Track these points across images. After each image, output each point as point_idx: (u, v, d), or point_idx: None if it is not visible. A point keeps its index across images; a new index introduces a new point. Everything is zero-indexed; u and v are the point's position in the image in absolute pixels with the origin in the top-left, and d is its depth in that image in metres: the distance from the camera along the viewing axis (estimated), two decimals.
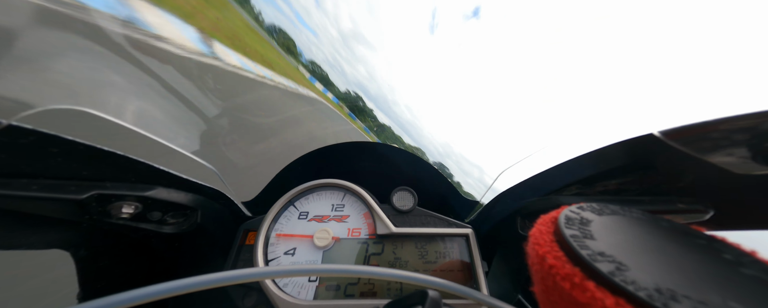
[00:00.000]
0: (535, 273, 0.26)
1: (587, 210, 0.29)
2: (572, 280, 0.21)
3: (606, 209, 0.30)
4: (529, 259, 0.28)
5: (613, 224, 0.27)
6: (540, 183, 0.58)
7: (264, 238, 0.69)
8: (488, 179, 4.88)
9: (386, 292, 0.60)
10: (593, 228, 0.26)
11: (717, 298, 0.16)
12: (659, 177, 0.42)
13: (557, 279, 0.22)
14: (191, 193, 0.60)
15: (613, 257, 0.21)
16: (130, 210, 0.49)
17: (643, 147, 0.40)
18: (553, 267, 0.23)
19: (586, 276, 0.20)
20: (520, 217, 0.58)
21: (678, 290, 0.17)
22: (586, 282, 0.20)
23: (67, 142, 0.38)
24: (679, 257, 0.21)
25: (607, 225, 0.26)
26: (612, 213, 0.29)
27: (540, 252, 0.25)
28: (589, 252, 0.22)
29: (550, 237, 0.26)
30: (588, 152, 0.47)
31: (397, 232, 0.70)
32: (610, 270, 0.19)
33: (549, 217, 0.30)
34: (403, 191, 0.81)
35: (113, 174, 0.47)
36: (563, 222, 0.26)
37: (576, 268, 0.21)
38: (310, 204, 0.78)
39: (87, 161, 0.43)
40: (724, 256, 0.21)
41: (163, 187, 0.53)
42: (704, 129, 0.33)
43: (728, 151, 0.33)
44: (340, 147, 0.86)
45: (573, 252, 0.22)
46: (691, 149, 0.34)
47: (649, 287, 0.17)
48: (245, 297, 0.63)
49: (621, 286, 0.18)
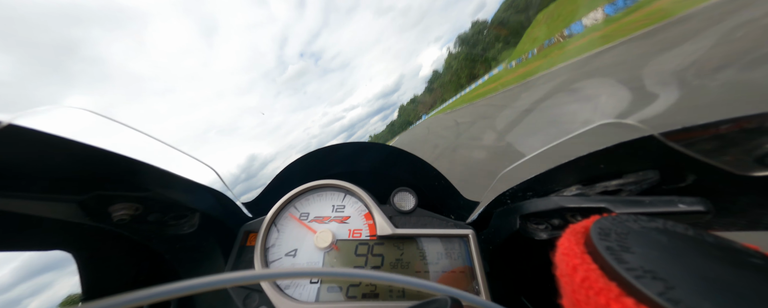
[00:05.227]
0: (565, 285, 0.24)
1: (622, 220, 0.28)
2: (608, 295, 0.19)
3: (642, 220, 0.28)
4: (556, 270, 0.26)
5: (651, 237, 0.25)
6: (540, 183, 0.58)
7: (264, 239, 0.69)
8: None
9: (388, 294, 0.60)
10: (630, 241, 0.24)
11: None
12: (660, 178, 0.42)
13: (590, 293, 0.20)
14: (191, 194, 0.60)
15: (655, 273, 0.19)
16: (130, 211, 0.48)
17: (644, 148, 0.40)
18: (585, 280, 0.21)
19: (624, 292, 0.19)
20: (520, 218, 0.58)
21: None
22: (624, 299, 0.18)
23: (67, 142, 0.38)
24: (730, 276, 0.19)
25: (644, 238, 0.24)
26: (649, 225, 0.27)
27: (570, 264, 0.24)
28: (628, 267, 0.20)
29: (580, 248, 0.25)
30: (588, 153, 0.47)
31: (398, 233, 0.70)
32: (658, 289, 0.18)
33: (580, 227, 0.29)
34: (403, 192, 0.81)
35: (113, 175, 0.47)
36: (597, 234, 0.25)
37: (612, 283, 0.20)
38: (310, 205, 0.77)
39: (87, 162, 0.43)
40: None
41: (163, 188, 0.53)
42: (705, 130, 0.33)
43: (729, 152, 0.33)
44: (340, 147, 0.86)
45: (609, 266, 0.21)
46: (693, 150, 0.35)
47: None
48: (247, 299, 0.63)
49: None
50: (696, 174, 0.39)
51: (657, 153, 0.39)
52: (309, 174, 0.83)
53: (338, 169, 0.88)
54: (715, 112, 3.54)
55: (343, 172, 0.85)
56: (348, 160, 0.89)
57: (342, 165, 0.89)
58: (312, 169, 0.87)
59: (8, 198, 0.37)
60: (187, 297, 0.33)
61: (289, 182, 0.81)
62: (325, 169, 0.88)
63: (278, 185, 0.86)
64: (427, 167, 0.87)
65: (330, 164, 0.89)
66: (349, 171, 0.89)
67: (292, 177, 0.83)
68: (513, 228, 0.59)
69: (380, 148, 0.89)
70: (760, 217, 0.39)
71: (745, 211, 0.39)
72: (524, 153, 0.57)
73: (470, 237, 0.71)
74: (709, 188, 0.39)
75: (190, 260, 0.64)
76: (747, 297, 0.17)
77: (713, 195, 0.39)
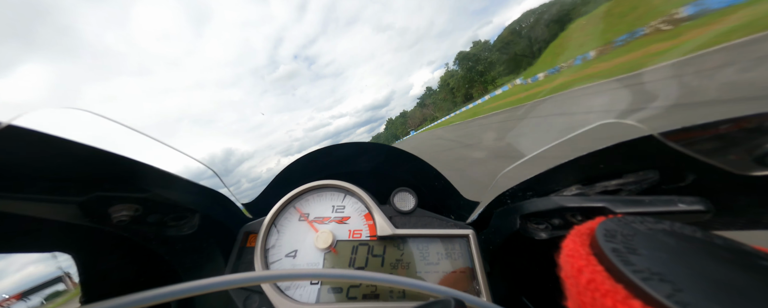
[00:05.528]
0: (570, 287, 0.24)
1: (628, 222, 0.27)
2: (614, 297, 0.19)
3: (648, 222, 0.28)
4: (561, 271, 0.26)
5: (658, 238, 0.25)
6: (540, 183, 0.58)
7: (264, 240, 0.69)
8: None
9: (389, 295, 0.60)
10: (637, 243, 0.24)
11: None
12: (659, 177, 0.43)
13: (597, 296, 0.20)
14: (191, 195, 0.60)
15: (663, 275, 0.19)
16: (130, 212, 0.48)
17: (644, 148, 0.40)
18: (591, 282, 0.21)
19: (631, 294, 0.19)
20: (520, 218, 0.58)
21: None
22: (631, 301, 0.18)
23: (67, 142, 0.38)
24: (738, 279, 0.19)
25: (651, 240, 0.24)
26: (656, 227, 0.27)
27: (576, 266, 0.23)
28: (635, 269, 0.20)
29: (586, 250, 0.25)
30: (588, 153, 0.47)
31: (398, 234, 0.70)
32: (665, 292, 0.17)
33: (585, 228, 0.28)
34: (403, 192, 0.81)
35: (113, 176, 0.47)
36: (602, 235, 0.24)
37: (619, 285, 0.20)
38: (310, 206, 0.77)
39: (87, 163, 0.43)
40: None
41: (163, 189, 0.52)
42: (705, 130, 0.33)
43: (729, 152, 0.33)
44: (339, 147, 0.86)
45: (615, 268, 0.20)
46: (692, 150, 0.35)
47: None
48: (247, 300, 0.63)
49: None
50: (696, 173, 0.39)
51: (656, 153, 0.39)
52: (309, 174, 0.83)
53: (338, 170, 0.88)
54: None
55: (342, 173, 0.85)
56: (348, 160, 0.89)
57: (342, 166, 0.89)
58: (312, 170, 0.87)
59: (8, 200, 0.36)
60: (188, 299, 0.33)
61: (289, 183, 0.80)
62: (324, 170, 0.88)
63: (278, 186, 0.85)
64: (426, 167, 0.87)
65: (330, 164, 0.89)
66: (349, 171, 0.89)
67: (292, 178, 0.83)
68: (513, 228, 0.59)
69: (380, 148, 0.89)
70: (760, 217, 0.39)
71: (745, 210, 0.39)
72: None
73: (470, 238, 0.71)
74: (708, 188, 0.39)
75: (190, 261, 0.64)
76: (756, 300, 0.17)
77: (713, 194, 0.39)
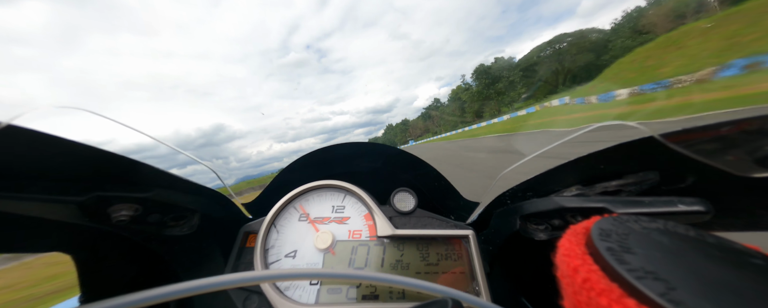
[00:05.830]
0: (566, 286, 0.24)
1: (623, 221, 0.28)
2: (609, 296, 0.19)
3: (643, 221, 0.28)
4: (557, 271, 0.26)
5: (652, 237, 0.25)
6: (540, 184, 0.58)
7: (263, 240, 0.69)
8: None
9: (388, 295, 0.60)
10: (631, 242, 0.24)
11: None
12: (659, 178, 0.42)
13: (592, 295, 0.21)
14: (191, 195, 0.60)
15: (657, 273, 0.19)
16: (130, 212, 0.48)
17: (644, 150, 0.40)
18: (587, 281, 0.21)
19: (625, 293, 0.19)
20: (520, 218, 0.58)
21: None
22: (626, 300, 0.18)
23: (67, 142, 0.38)
24: (731, 277, 0.19)
25: (645, 239, 0.25)
26: (650, 226, 0.27)
27: (571, 266, 0.24)
28: (629, 268, 0.20)
29: (581, 249, 0.25)
30: (588, 154, 0.47)
31: (398, 234, 0.70)
32: (659, 290, 0.18)
33: (580, 228, 0.29)
34: (403, 192, 0.81)
35: (113, 176, 0.47)
36: (597, 234, 0.25)
37: (613, 284, 0.20)
38: (310, 206, 0.77)
39: (87, 163, 0.43)
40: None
41: (162, 189, 0.52)
42: (705, 132, 0.33)
43: (730, 154, 0.33)
44: (339, 147, 0.86)
45: (610, 267, 0.21)
46: (693, 152, 0.35)
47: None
48: (247, 301, 0.63)
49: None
50: (696, 175, 0.39)
51: (657, 154, 0.39)
52: (309, 174, 0.83)
53: (338, 170, 0.88)
54: None
55: (342, 173, 0.85)
56: (348, 161, 0.89)
57: (342, 166, 0.89)
58: (312, 170, 0.87)
59: (8, 200, 0.36)
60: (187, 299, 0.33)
61: (289, 183, 0.80)
62: (324, 170, 0.88)
63: (278, 186, 0.85)
64: (426, 168, 0.87)
65: (330, 164, 0.89)
66: (349, 171, 0.89)
67: (292, 178, 0.83)
68: (513, 228, 0.59)
69: (380, 149, 0.89)
70: (760, 218, 0.39)
71: (745, 212, 0.39)
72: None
73: (470, 238, 0.71)
74: (708, 189, 0.39)
75: (190, 261, 0.64)
76: (748, 297, 0.17)
77: (713, 195, 0.39)
